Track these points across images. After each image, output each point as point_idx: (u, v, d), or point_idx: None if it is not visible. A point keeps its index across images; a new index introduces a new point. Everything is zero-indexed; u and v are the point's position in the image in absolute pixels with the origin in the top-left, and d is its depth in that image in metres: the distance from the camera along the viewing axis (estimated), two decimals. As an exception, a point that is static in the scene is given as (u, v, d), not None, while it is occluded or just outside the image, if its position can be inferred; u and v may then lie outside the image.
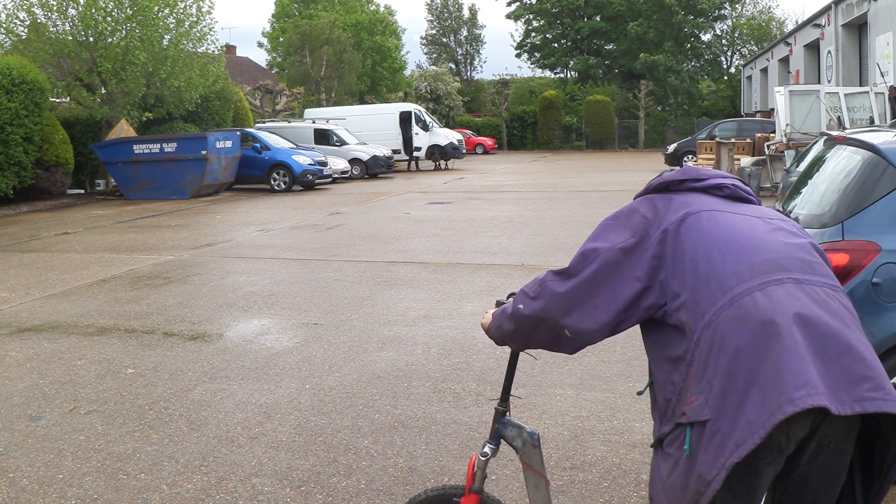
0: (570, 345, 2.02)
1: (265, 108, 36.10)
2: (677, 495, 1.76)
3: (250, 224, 14.25)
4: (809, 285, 1.78)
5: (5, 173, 17.51)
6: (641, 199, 2.05)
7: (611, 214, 2.05)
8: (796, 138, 15.72)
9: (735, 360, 1.70)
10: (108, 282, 8.93)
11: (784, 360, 1.67)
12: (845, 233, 3.69)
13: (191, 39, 22.92)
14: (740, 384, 1.68)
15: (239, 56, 52.89)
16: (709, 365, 1.73)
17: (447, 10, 61.57)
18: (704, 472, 1.69)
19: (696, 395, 1.74)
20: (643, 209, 1.99)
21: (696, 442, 1.72)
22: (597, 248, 1.96)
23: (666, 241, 1.88)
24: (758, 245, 1.83)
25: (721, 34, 53.27)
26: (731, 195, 2.01)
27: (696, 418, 1.72)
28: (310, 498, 3.61)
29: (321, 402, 4.85)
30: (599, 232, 2.01)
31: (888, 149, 3.82)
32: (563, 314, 1.97)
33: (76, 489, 3.75)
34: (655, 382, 1.92)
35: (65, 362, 5.83)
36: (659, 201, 1.99)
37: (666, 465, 1.81)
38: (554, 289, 1.99)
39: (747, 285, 1.76)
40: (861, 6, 24.13)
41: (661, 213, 1.94)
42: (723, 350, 1.71)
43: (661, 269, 1.88)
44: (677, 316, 1.82)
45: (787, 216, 4.30)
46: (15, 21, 21.35)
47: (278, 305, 7.54)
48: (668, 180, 2.05)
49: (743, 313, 1.72)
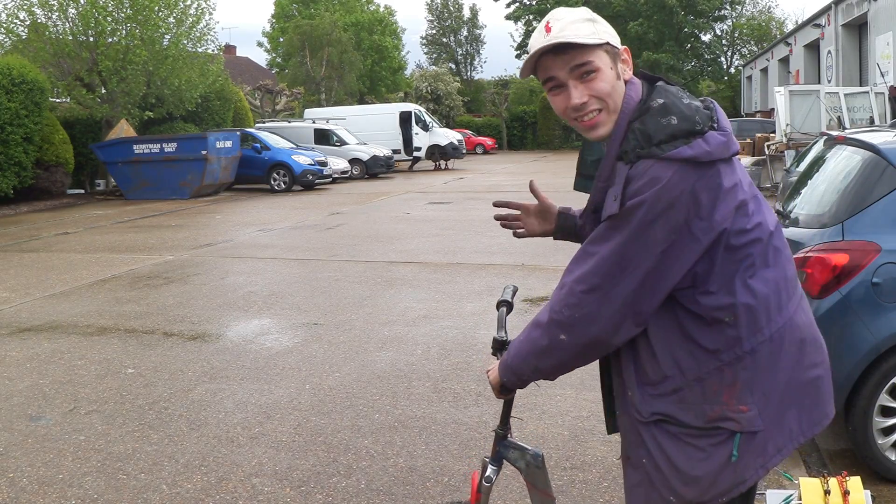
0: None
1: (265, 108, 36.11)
2: (702, 489, 1.78)
3: (250, 224, 14.25)
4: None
5: (5, 173, 17.51)
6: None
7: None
8: (796, 138, 15.72)
9: (787, 376, 1.79)
10: (108, 282, 8.93)
11: (824, 378, 1.89)
12: (845, 233, 3.69)
13: (191, 39, 22.92)
14: (788, 399, 1.80)
15: (239, 56, 52.89)
16: (763, 379, 1.77)
17: (447, 10, 61.59)
18: (744, 474, 1.77)
19: (749, 406, 1.76)
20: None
21: (743, 448, 1.77)
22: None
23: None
24: (786, 251, 1.84)
25: (721, 34, 53.28)
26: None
27: (750, 429, 1.76)
28: (310, 498, 3.61)
29: (321, 402, 4.85)
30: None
31: (888, 149, 3.82)
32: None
33: (76, 489, 3.75)
34: (656, 353, 1.81)
35: (65, 362, 5.83)
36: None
37: (691, 455, 1.79)
38: None
39: (793, 305, 1.82)
40: (861, 6, 24.13)
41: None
42: (778, 367, 1.78)
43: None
44: (716, 314, 1.76)
45: (788, 216, 4.32)
46: (15, 21, 21.37)
47: (278, 305, 7.54)
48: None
49: (794, 332, 1.81)
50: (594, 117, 1.76)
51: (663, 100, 1.72)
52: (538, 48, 1.74)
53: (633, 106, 1.76)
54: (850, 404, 3.61)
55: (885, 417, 3.60)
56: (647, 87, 1.82)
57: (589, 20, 1.76)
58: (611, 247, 1.70)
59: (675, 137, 1.65)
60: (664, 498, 1.82)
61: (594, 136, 1.79)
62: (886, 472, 3.62)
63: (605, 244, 1.72)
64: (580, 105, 1.75)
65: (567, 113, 1.79)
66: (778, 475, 3.65)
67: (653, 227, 1.65)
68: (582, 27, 1.73)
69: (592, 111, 1.76)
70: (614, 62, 1.78)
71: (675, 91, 1.77)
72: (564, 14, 1.76)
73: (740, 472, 1.77)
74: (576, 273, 1.77)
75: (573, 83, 1.75)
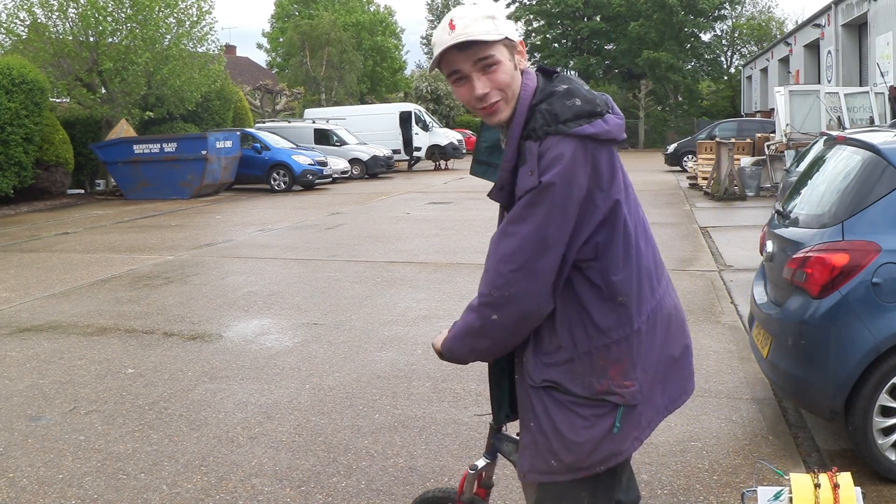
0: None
1: (265, 108, 36.11)
2: (583, 455, 1.94)
3: (250, 224, 14.25)
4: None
5: (5, 173, 17.50)
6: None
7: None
8: (796, 138, 15.72)
9: (659, 355, 1.98)
10: (108, 282, 8.93)
11: (684, 356, 2.07)
12: (845, 233, 3.69)
13: (191, 39, 22.92)
14: (658, 376, 1.99)
15: (239, 56, 52.88)
16: (644, 357, 1.94)
17: (447, 11, 61.55)
18: (620, 445, 1.95)
19: (633, 382, 1.93)
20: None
21: (624, 420, 1.94)
22: None
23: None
24: (650, 239, 2.04)
25: (721, 34, 53.29)
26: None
27: (632, 402, 1.93)
28: (310, 498, 3.61)
29: (321, 402, 4.85)
30: None
31: (888, 149, 3.82)
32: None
33: (76, 489, 3.75)
34: (554, 324, 1.95)
35: (65, 362, 5.83)
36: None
37: (574, 423, 1.94)
38: None
39: (662, 288, 2.03)
40: (861, 6, 24.13)
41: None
42: (654, 346, 1.97)
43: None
44: (616, 289, 1.92)
45: (788, 216, 4.32)
46: (15, 21, 21.36)
47: (278, 305, 7.54)
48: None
49: (664, 315, 2.00)
50: (495, 104, 1.93)
51: (567, 85, 1.90)
52: (445, 45, 1.90)
53: (531, 92, 1.92)
54: (850, 404, 3.60)
55: (885, 417, 3.60)
56: (542, 77, 1.98)
57: (489, 17, 1.91)
58: (532, 225, 1.83)
59: (579, 117, 1.83)
60: (546, 461, 1.97)
61: (495, 121, 1.97)
62: (886, 472, 3.61)
63: (526, 223, 1.84)
64: (483, 95, 1.91)
65: (471, 102, 1.95)
66: (769, 472, 3.66)
67: (567, 201, 1.82)
68: (484, 24, 1.89)
69: (494, 100, 1.92)
70: (512, 54, 1.94)
71: (576, 80, 1.95)
72: (467, 12, 1.91)
73: (619, 443, 1.94)
74: (499, 254, 1.89)
75: (476, 75, 1.91)
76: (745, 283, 7.51)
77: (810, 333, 3.70)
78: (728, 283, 8.02)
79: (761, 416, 4.47)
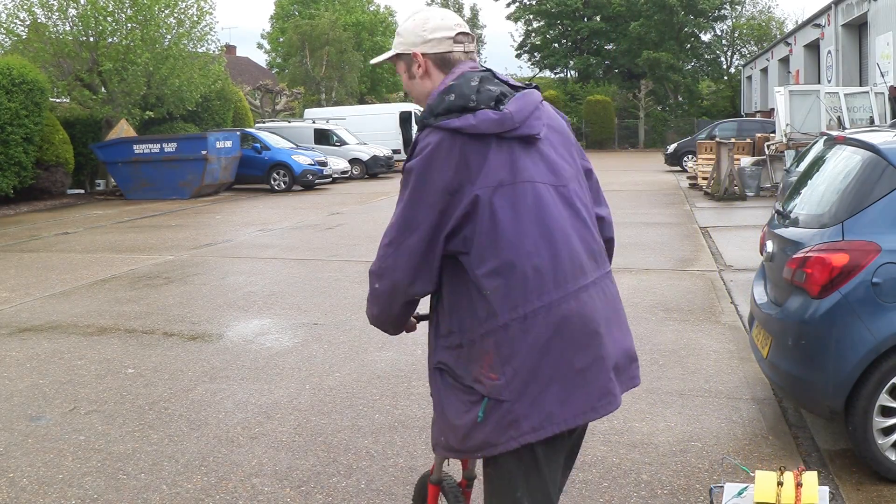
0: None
1: (265, 108, 36.11)
2: (454, 437, 2.04)
3: (250, 224, 14.25)
4: (601, 282, 2.07)
5: (5, 173, 17.50)
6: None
7: None
8: (796, 138, 15.72)
9: (544, 358, 1.94)
10: (108, 282, 8.93)
11: (593, 370, 1.97)
12: (845, 233, 3.69)
13: (191, 39, 22.91)
14: (548, 378, 1.95)
15: (239, 56, 52.87)
16: (519, 353, 1.94)
17: (447, 11, 61.54)
18: (494, 438, 1.97)
19: (499, 376, 1.96)
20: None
21: (490, 413, 1.97)
22: None
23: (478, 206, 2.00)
24: (569, 241, 2.00)
25: (721, 34, 53.28)
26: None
27: (496, 396, 1.96)
28: (310, 498, 3.61)
29: (321, 402, 4.85)
30: None
31: (888, 149, 3.82)
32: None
33: (76, 489, 3.75)
34: (446, 309, 2.06)
35: (65, 362, 5.83)
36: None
37: (456, 406, 2.04)
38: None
39: (563, 292, 1.96)
40: (861, 6, 24.12)
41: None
42: (534, 348, 1.94)
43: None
44: (481, 282, 1.97)
45: (788, 216, 4.32)
46: (15, 21, 21.35)
47: (278, 305, 7.54)
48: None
49: (553, 318, 1.94)
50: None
51: (454, 83, 2.03)
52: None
53: (436, 92, 2.07)
54: (850, 404, 3.60)
55: (885, 417, 3.60)
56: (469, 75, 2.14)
57: (397, 34, 2.18)
58: (400, 206, 2.00)
59: (450, 111, 1.96)
60: (437, 438, 2.13)
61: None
62: (886, 472, 3.61)
63: (398, 204, 2.02)
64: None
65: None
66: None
67: (425, 187, 1.95)
68: (393, 42, 2.21)
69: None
70: (409, 66, 2.17)
71: (473, 77, 2.04)
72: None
73: (488, 435, 1.97)
74: (385, 230, 2.06)
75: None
76: (745, 283, 7.52)
77: (810, 333, 3.70)
78: (728, 283, 8.02)
79: (761, 416, 4.47)
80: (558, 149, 2.09)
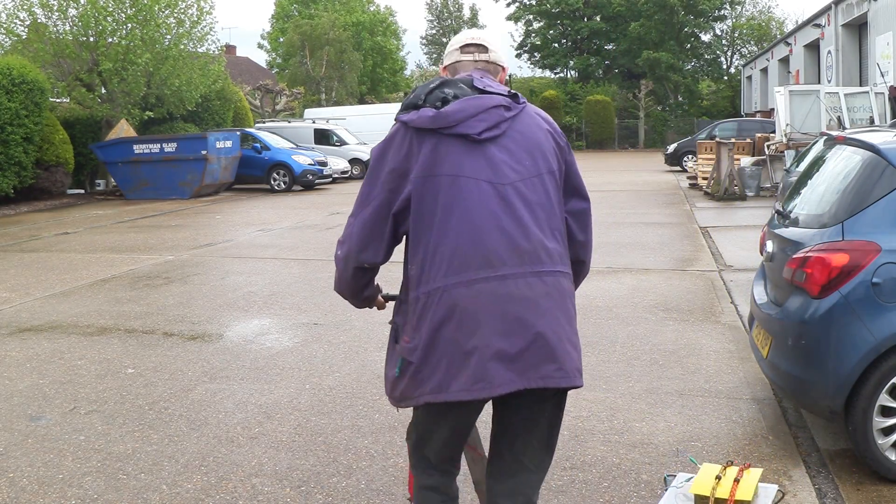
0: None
1: (265, 108, 36.10)
2: (387, 387, 2.36)
3: (250, 224, 14.25)
4: (525, 278, 2.17)
5: (5, 173, 17.50)
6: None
7: None
8: (796, 138, 15.72)
9: (439, 335, 2.17)
10: (108, 282, 8.93)
11: (475, 356, 2.13)
12: (845, 233, 3.69)
13: (191, 39, 22.90)
14: (441, 353, 2.16)
15: (239, 56, 52.87)
16: (423, 325, 2.19)
17: (447, 11, 61.55)
18: (407, 393, 2.25)
19: (411, 339, 2.23)
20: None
21: (404, 371, 2.25)
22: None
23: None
24: (480, 235, 2.17)
25: (721, 34, 53.27)
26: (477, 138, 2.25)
27: (407, 357, 2.23)
28: (310, 498, 3.61)
29: (321, 402, 4.85)
30: None
31: (888, 149, 3.82)
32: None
33: (76, 489, 3.75)
34: (404, 279, 2.36)
35: (65, 362, 5.83)
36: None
37: (390, 361, 2.35)
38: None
39: (460, 278, 2.15)
40: (861, 6, 24.13)
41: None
42: (433, 323, 2.17)
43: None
44: (409, 256, 2.29)
45: (788, 216, 4.32)
46: (15, 21, 21.34)
47: (278, 305, 7.54)
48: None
49: (449, 301, 2.15)
50: None
51: (419, 85, 2.35)
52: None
53: None
54: (850, 404, 3.61)
55: (885, 417, 3.60)
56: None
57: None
58: (362, 184, 2.33)
59: (406, 108, 2.27)
60: (386, 386, 2.39)
61: None
62: (886, 472, 3.61)
63: (362, 181, 2.34)
64: None
65: None
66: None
67: (380, 167, 2.27)
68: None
69: None
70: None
71: (436, 81, 2.30)
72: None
73: (405, 390, 2.25)
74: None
75: None
76: (745, 283, 7.52)
77: (810, 333, 3.70)
78: (728, 283, 8.02)
79: (761, 416, 4.47)
80: (514, 152, 2.24)
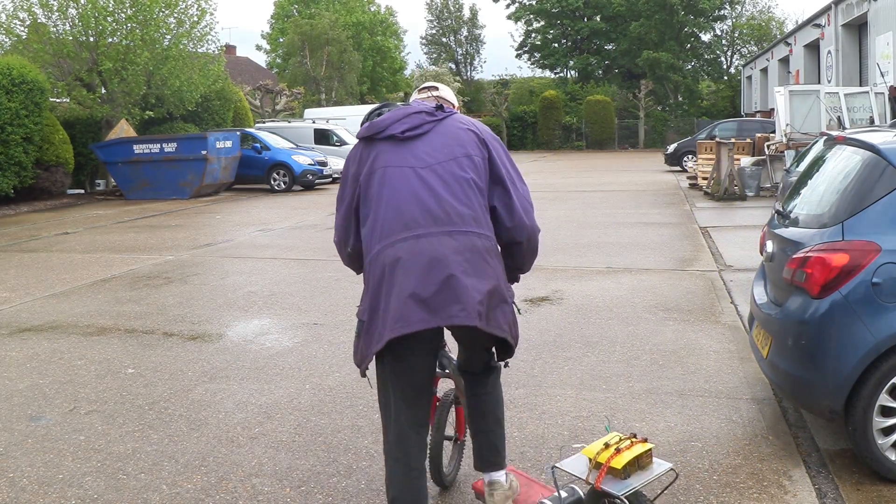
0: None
1: (265, 108, 36.08)
2: (354, 354, 2.83)
3: (250, 224, 14.25)
4: (438, 237, 2.67)
5: (5, 173, 17.50)
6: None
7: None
8: (796, 138, 15.72)
9: (378, 290, 2.70)
10: (108, 282, 8.93)
11: (396, 299, 2.63)
12: (845, 233, 3.69)
13: (191, 39, 22.90)
14: (380, 307, 2.68)
15: (239, 56, 52.85)
16: (368, 287, 2.76)
17: (447, 10, 61.53)
18: (365, 350, 2.75)
19: (362, 302, 2.80)
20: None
21: (361, 331, 2.77)
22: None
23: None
24: (400, 207, 2.71)
25: (721, 34, 53.27)
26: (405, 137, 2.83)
27: (361, 317, 2.78)
28: (310, 498, 3.61)
29: (321, 402, 4.85)
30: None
31: (888, 149, 3.82)
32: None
33: (76, 489, 3.75)
34: None
35: (65, 362, 5.83)
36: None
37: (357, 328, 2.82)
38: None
39: (387, 241, 2.69)
40: (861, 6, 24.12)
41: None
42: (374, 281, 2.73)
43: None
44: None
45: (788, 216, 4.32)
46: (15, 21, 21.33)
47: (278, 305, 7.54)
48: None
49: (381, 261, 2.69)
50: None
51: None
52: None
53: None
54: (850, 404, 3.60)
55: (885, 417, 3.60)
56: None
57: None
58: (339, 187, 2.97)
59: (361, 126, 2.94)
60: (355, 357, 2.87)
61: None
62: (886, 472, 3.61)
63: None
64: None
65: None
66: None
67: (346, 175, 2.92)
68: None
69: None
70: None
71: (381, 108, 2.97)
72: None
73: (362, 349, 2.76)
74: None
75: None
76: (745, 283, 7.52)
77: (810, 333, 3.70)
78: (728, 283, 8.02)
79: (761, 416, 4.47)
80: (435, 144, 2.80)
